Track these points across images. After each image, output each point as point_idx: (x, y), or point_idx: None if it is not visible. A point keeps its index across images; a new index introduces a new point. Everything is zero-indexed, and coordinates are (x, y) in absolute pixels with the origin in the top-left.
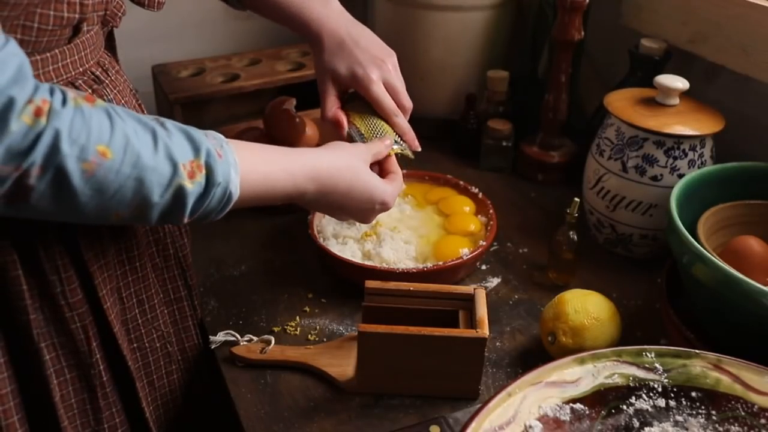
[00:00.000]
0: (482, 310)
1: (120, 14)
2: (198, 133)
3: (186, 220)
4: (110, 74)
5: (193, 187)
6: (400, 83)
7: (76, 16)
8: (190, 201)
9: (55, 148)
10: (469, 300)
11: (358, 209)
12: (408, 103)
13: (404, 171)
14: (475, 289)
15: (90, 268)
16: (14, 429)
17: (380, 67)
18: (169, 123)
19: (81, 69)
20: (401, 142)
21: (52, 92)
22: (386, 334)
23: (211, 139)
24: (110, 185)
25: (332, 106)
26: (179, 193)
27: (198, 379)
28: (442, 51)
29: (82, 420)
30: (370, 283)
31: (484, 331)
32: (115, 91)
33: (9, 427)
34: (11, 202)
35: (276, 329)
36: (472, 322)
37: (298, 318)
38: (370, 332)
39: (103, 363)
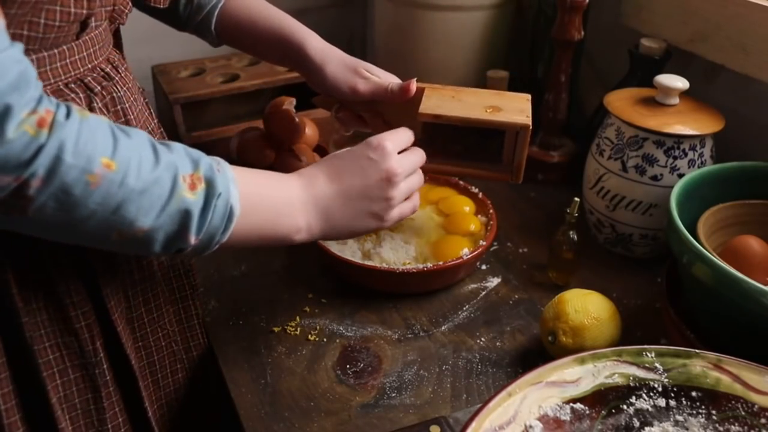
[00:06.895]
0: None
1: (127, 11)
2: (196, 151)
3: (193, 239)
4: (120, 71)
5: (195, 199)
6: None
7: (84, 11)
8: (195, 215)
9: (58, 159)
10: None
11: (365, 188)
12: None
13: None
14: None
15: (95, 265)
16: (15, 428)
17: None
18: (168, 141)
19: (90, 66)
20: None
21: (57, 104)
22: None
23: (208, 157)
24: (113, 198)
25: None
26: (182, 207)
27: (203, 378)
28: (442, 51)
29: (85, 420)
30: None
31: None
32: (124, 89)
33: (10, 426)
34: (7, 213)
35: (276, 329)
36: None
37: (298, 318)
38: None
39: (106, 362)
